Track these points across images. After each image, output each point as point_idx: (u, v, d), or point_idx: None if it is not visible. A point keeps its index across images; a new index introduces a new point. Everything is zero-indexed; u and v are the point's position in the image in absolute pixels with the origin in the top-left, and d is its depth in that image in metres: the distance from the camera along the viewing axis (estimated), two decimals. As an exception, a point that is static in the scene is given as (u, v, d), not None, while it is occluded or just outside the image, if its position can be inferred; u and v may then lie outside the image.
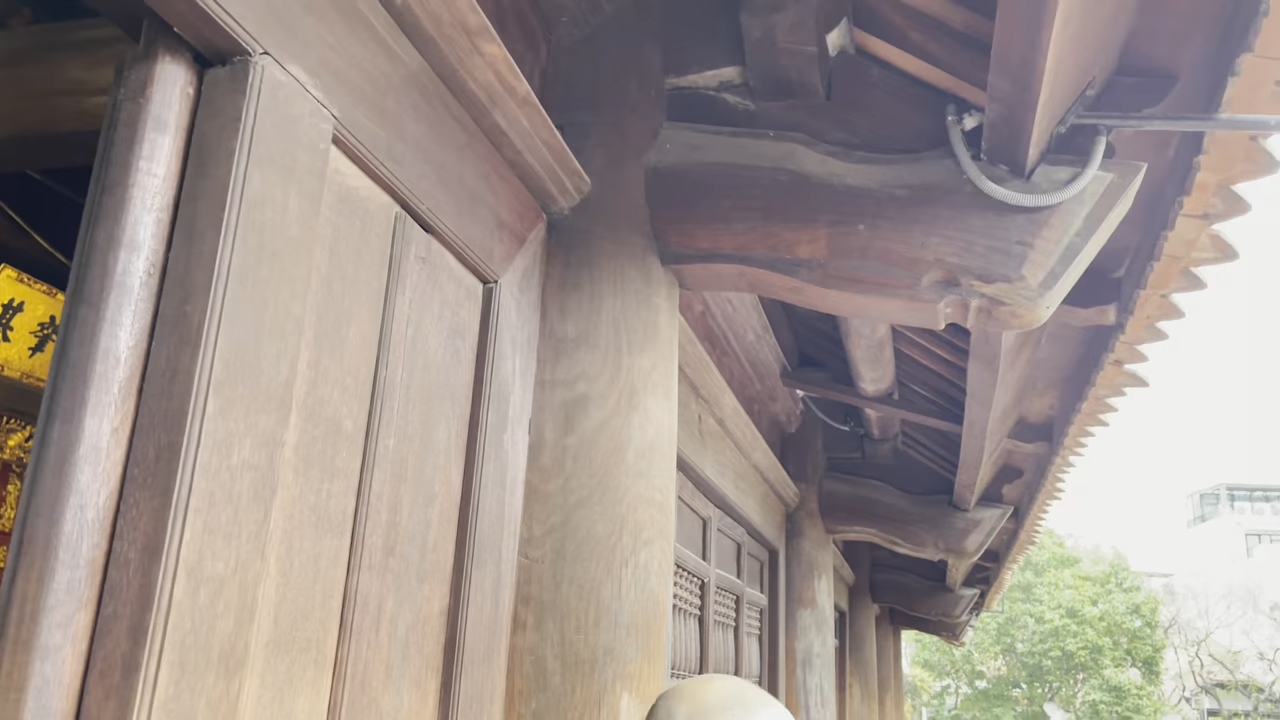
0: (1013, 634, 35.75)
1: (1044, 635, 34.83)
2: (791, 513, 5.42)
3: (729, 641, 4.28)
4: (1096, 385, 3.47)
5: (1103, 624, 35.18)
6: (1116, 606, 35.67)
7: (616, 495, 1.98)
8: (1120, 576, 37.36)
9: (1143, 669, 36.43)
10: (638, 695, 1.91)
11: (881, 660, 11.14)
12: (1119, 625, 35.49)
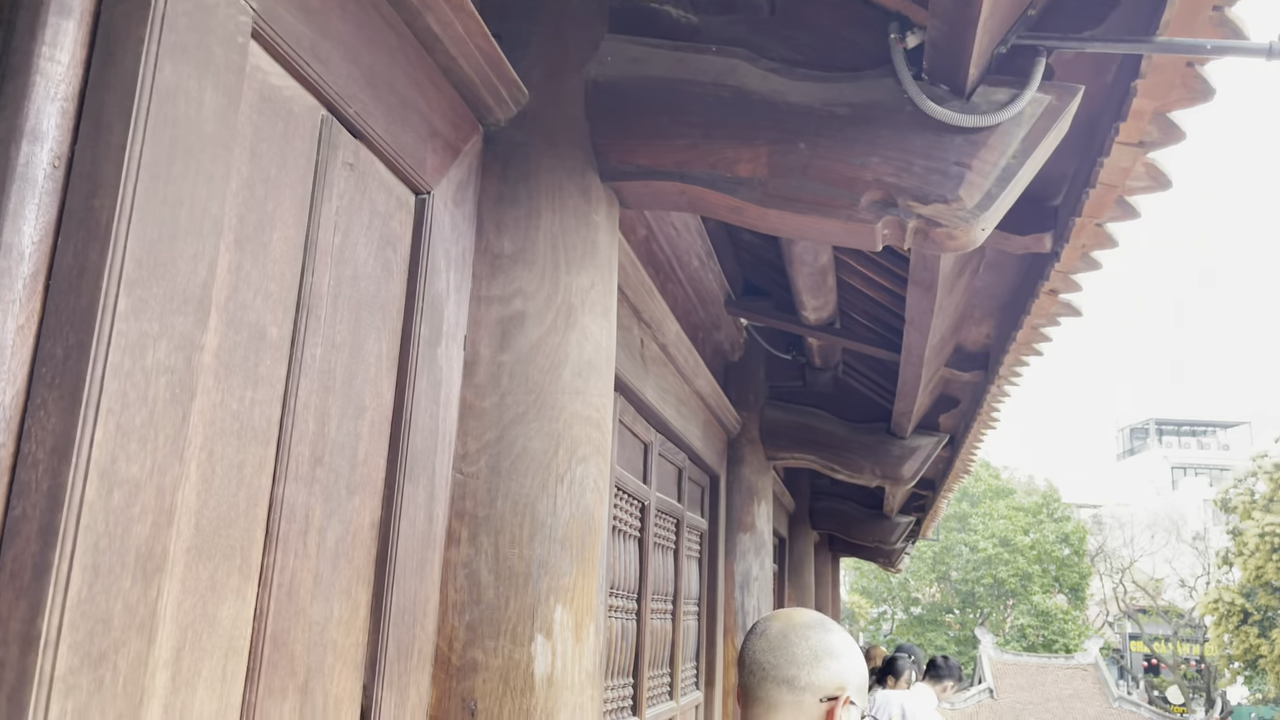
0: (948, 562, 36.95)
1: (977, 563, 36.05)
2: (733, 439, 5.49)
3: (669, 563, 4.35)
4: (1032, 314, 3.53)
5: (1033, 552, 36.48)
6: (1047, 536, 36.98)
7: (553, 413, 1.97)
8: (1052, 507, 38.65)
9: (1069, 595, 37.96)
10: (572, 608, 1.93)
11: (820, 586, 11.44)
12: (1049, 554, 36.84)
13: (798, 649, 1.50)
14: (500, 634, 1.84)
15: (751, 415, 5.51)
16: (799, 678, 1.48)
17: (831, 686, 1.48)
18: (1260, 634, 28.88)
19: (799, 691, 1.48)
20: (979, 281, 3.74)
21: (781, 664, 1.49)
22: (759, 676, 1.51)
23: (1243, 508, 30.09)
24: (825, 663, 1.49)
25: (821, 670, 1.49)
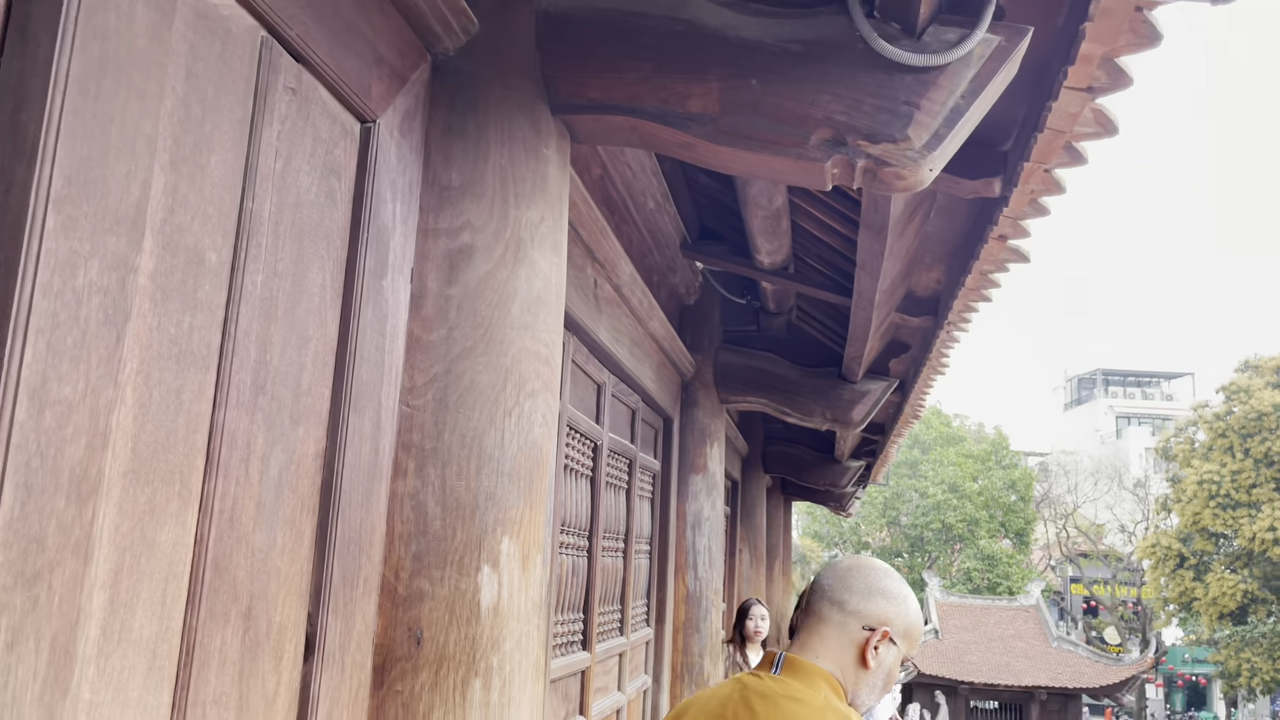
0: (898, 507, 37.72)
1: (926, 509, 36.84)
2: (687, 382, 5.52)
3: (620, 502, 4.40)
4: (981, 259, 3.58)
5: (981, 499, 37.35)
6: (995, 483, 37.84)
7: (501, 347, 1.97)
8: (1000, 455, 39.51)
9: (1014, 540, 39.00)
10: (519, 540, 1.95)
11: (772, 528, 11.64)
12: (996, 500, 37.74)
13: (856, 581, 1.78)
14: (447, 564, 1.85)
15: (705, 359, 5.54)
16: (849, 602, 1.75)
17: (874, 619, 1.74)
18: (1195, 578, 29.95)
19: (847, 615, 1.75)
20: (930, 227, 3.77)
21: (839, 589, 1.77)
22: (819, 595, 1.80)
23: (1182, 456, 30.98)
24: (875, 599, 1.75)
25: (870, 604, 1.75)
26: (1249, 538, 27.71)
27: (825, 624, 1.78)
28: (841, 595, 1.77)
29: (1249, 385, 29.32)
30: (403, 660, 1.81)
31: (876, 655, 1.75)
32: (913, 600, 1.83)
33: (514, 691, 1.90)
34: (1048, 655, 25.93)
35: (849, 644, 1.76)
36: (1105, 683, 24.79)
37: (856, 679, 1.77)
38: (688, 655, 5.23)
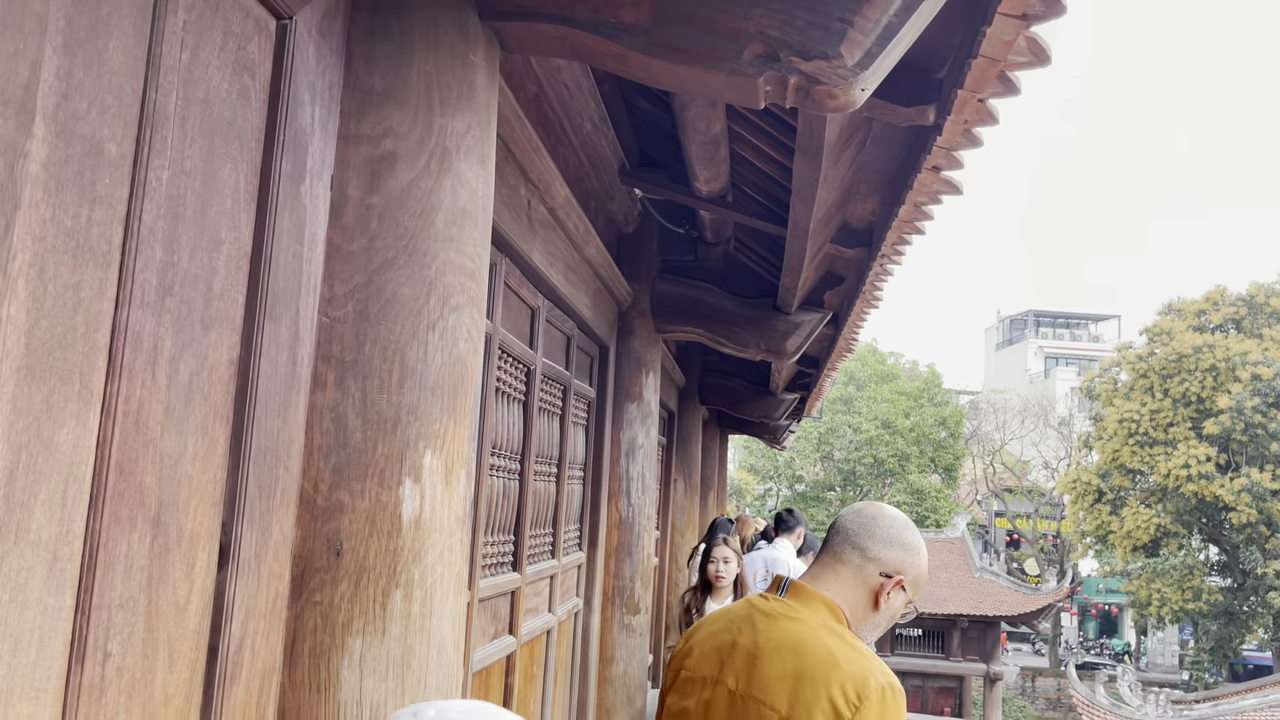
0: (832, 442, 38.47)
1: (859, 444, 37.65)
2: (624, 311, 5.51)
3: (554, 428, 4.40)
4: (914, 189, 3.59)
5: (912, 435, 38.26)
6: (926, 419, 38.77)
7: (425, 259, 1.94)
8: (932, 393, 40.41)
9: (943, 475, 40.12)
10: (442, 454, 1.94)
11: (707, 459, 11.80)
12: (927, 436, 38.69)
13: (880, 530, 1.92)
14: (367, 477, 1.84)
15: (643, 288, 5.53)
16: (871, 549, 1.90)
17: (891, 567, 1.89)
18: (1112, 511, 31.20)
19: (867, 560, 1.90)
20: (865, 156, 3.77)
21: (864, 535, 1.92)
22: (843, 537, 1.95)
23: (1105, 395, 32.01)
24: (895, 549, 1.90)
25: (890, 552, 1.90)
26: (1164, 474, 28.88)
27: (844, 565, 1.93)
28: (864, 541, 1.92)
29: (1171, 328, 30.28)
30: (322, 571, 1.80)
31: (888, 599, 1.93)
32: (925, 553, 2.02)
33: (436, 603, 1.90)
34: (970, 585, 26.91)
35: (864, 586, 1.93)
36: (1023, 611, 25.85)
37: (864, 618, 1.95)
38: (619, 579, 5.31)
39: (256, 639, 1.67)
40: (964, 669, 26.32)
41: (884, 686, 1.85)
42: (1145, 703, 19.73)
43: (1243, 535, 28.16)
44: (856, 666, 1.87)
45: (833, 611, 1.97)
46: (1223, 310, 30.39)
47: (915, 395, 39.51)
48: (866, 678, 1.85)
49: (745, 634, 1.99)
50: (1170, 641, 41.43)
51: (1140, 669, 38.72)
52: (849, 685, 1.82)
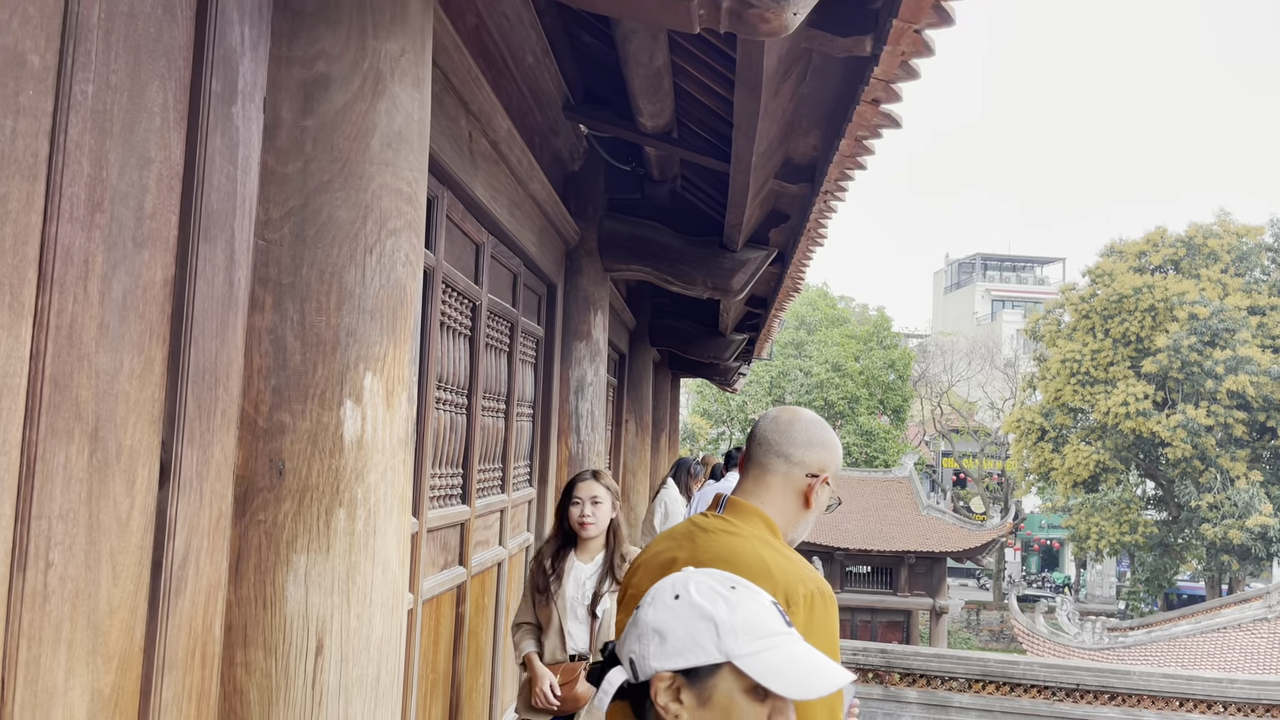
0: (783, 386, 38.92)
1: (810, 387, 38.14)
2: (571, 250, 5.52)
3: (502, 365, 4.43)
4: (854, 122, 3.63)
5: (862, 378, 38.84)
6: (876, 362, 39.34)
7: (360, 182, 1.94)
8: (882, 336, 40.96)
9: (892, 417, 40.84)
10: (382, 376, 1.97)
11: (658, 401, 11.90)
12: (876, 379, 39.30)
13: (798, 434, 1.99)
14: (308, 398, 1.86)
15: (590, 226, 5.54)
16: (794, 454, 1.97)
17: (815, 466, 1.98)
18: (1054, 449, 32.05)
19: (792, 465, 1.97)
20: (806, 89, 3.80)
21: (785, 443, 1.98)
22: (765, 448, 2.01)
23: (1049, 336, 32.68)
24: (816, 449, 1.98)
25: (812, 454, 1.98)
26: (1104, 412, 29.67)
27: (772, 474, 2.01)
28: (787, 448, 2.00)
29: (1112, 269, 30.89)
30: (265, 491, 1.83)
31: (816, 497, 2.02)
32: (839, 445, 2.10)
33: (379, 521, 1.94)
34: (918, 523, 27.58)
35: (793, 490, 2.01)
36: (968, 546, 26.59)
37: (797, 519, 2.04)
38: (569, 514, 5.39)
39: (200, 555, 1.70)
40: (911, 604, 27.09)
41: (813, 592, 1.93)
42: (1082, 631, 20.49)
43: (1178, 470, 29.12)
44: (787, 574, 1.95)
45: (766, 524, 2.06)
46: (1162, 251, 31.05)
47: (865, 339, 40.02)
48: (796, 584, 1.93)
49: (685, 549, 2.07)
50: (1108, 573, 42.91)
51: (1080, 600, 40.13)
52: (779, 592, 1.91)
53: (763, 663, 1.24)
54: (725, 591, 1.28)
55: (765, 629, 1.26)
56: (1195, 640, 19.17)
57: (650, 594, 1.31)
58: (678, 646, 1.24)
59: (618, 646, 1.31)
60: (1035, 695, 7.28)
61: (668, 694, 1.24)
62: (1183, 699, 7.11)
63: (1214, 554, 28.58)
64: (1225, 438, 28.38)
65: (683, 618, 1.25)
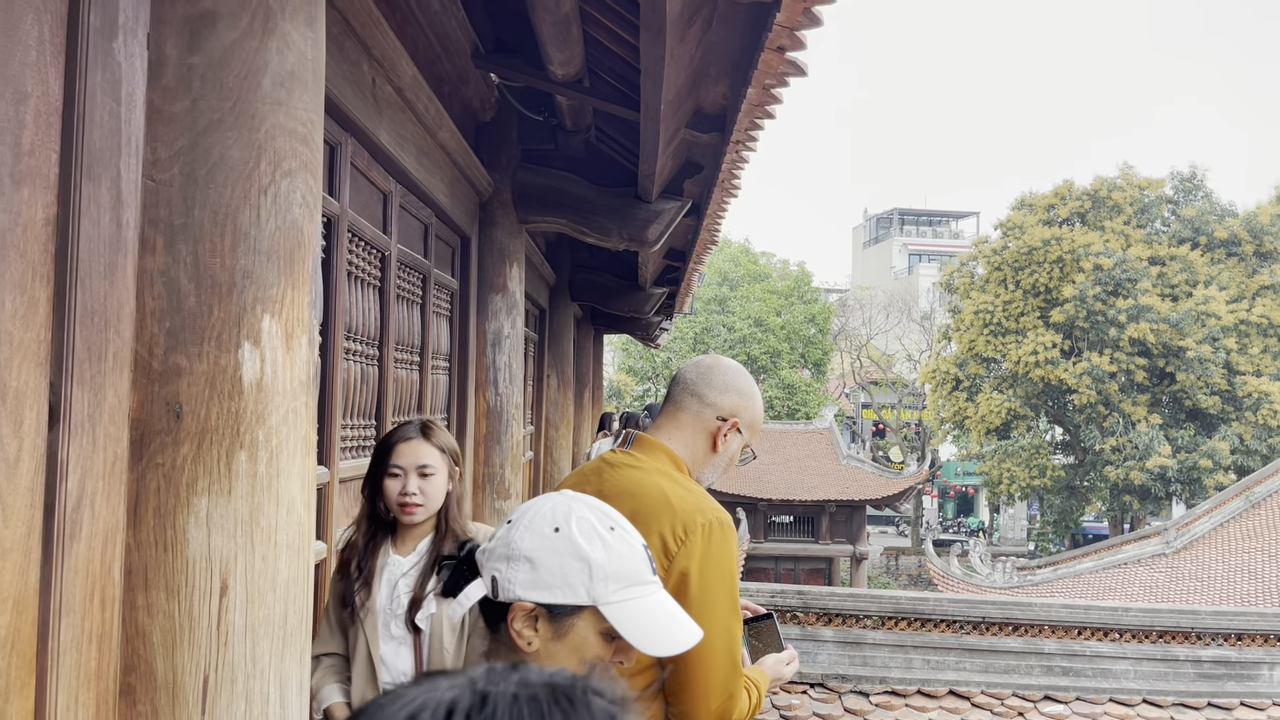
0: (707, 342, 39.28)
1: (733, 342, 38.56)
2: (485, 201, 5.48)
3: (415, 317, 4.40)
4: (760, 69, 3.67)
5: (784, 332, 39.39)
6: (797, 317, 39.91)
7: (252, 122, 1.91)
8: (802, 291, 41.52)
9: (813, 370, 41.56)
10: (281, 319, 1.95)
11: (581, 356, 11.93)
12: (797, 333, 39.90)
13: (715, 378, 2.07)
14: (205, 341, 1.84)
15: (504, 178, 5.50)
16: (707, 395, 2.06)
17: (727, 411, 2.05)
18: (968, 398, 33.03)
19: (705, 406, 2.06)
20: (713, 36, 3.82)
21: (700, 384, 2.07)
22: (682, 387, 2.10)
23: (963, 288, 33.53)
24: (730, 394, 2.06)
25: (725, 398, 2.06)
26: (1015, 361, 30.65)
27: (684, 412, 2.08)
28: (702, 389, 2.07)
29: (1023, 222, 31.75)
30: (162, 434, 1.82)
31: (725, 441, 2.08)
32: (759, 398, 2.16)
33: (283, 464, 1.94)
34: (838, 472, 28.25)
35: (703, 431, 2.07)
36: (886, 494, 27.35)
37: (704, 460, 2.10)
38: (489, 466, 5.41)
39: (96, 499, 1.69)
40: (832, 551, 27.82)
41: (710, 522, 2.00)
42: (994, 572, 21.33)
43: (1083, 415, 30.31)
44: (686, 504, 2.01)
45: (672, 459, 2.12)
46: (1069, 204, 32.00)
47: (786, 294, 40.53)
48: (695, 514, 2.00)
49: (592, 484, 2.12)
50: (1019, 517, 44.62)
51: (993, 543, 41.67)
52: (677, 522, 1.97)
53: (626, 612, 1.28)
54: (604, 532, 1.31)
55: (635, 577, 1.31)
56: (1098, 576, 20.12)
57: (526, 515, 1.34)
58: (547, 580, 1.27)
59: (481, 555, 1.34)
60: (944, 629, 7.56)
61: (524, 621, 1.28)
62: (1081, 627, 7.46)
63: (1117, 495, 29.91)
64: (1127, 383, 29.60)
65: (558, 553, 1.28)
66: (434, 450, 2.53)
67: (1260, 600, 16.59)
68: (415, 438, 2.54)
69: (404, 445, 2.53)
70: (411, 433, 2.55)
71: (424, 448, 2.52)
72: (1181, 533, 20.30)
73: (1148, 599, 18.19)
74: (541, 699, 0.55)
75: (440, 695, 0.56)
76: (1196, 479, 27.76)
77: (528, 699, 0.55)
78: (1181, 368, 28.64)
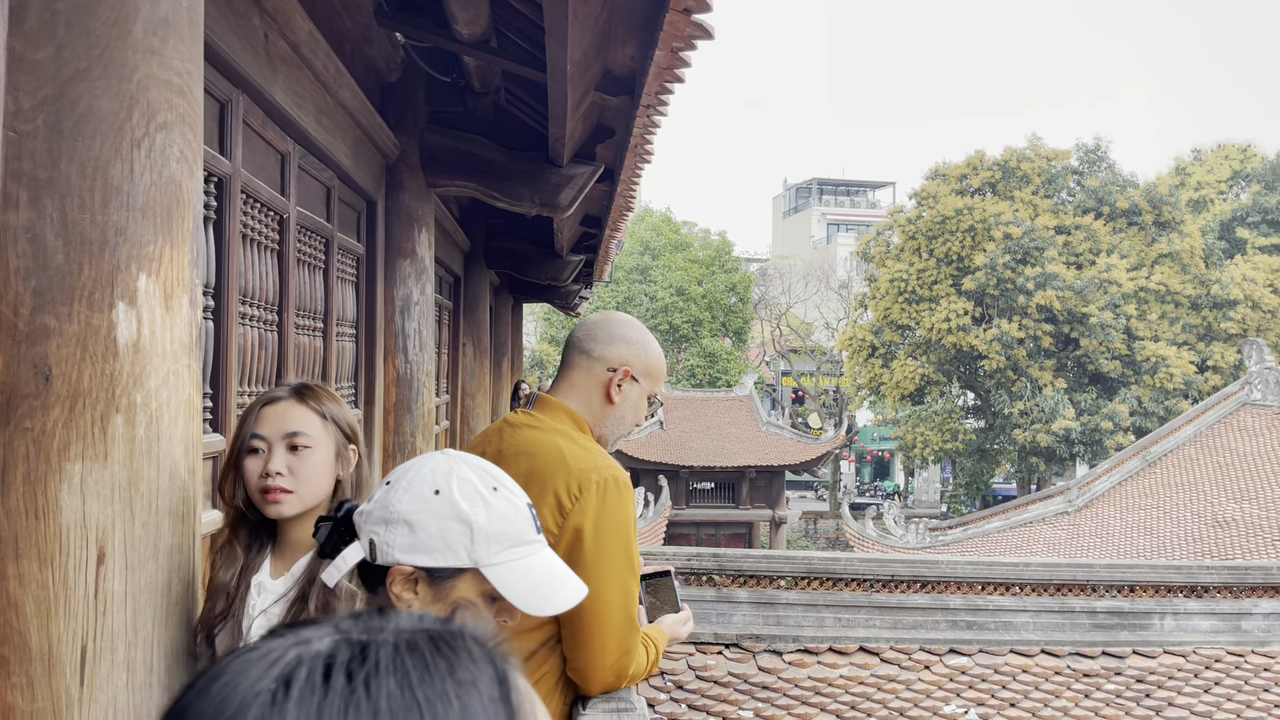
0: (630, 311, 39.31)
1: (656, 311, 38.68)
2: (392, 165, 5.37)
3: (318, 282, 4.30)
4: (666, 31, 3.65)
5: (705, 301, 39.64)
6: (718, 286, 40.18)
7: (123, 72, 1.83)
8: (723, 260, 41.79)
9: (734, 338, 41.97)
10: (158, 278, 1.89)
11: (499, 325, 11.83)
12: (718, 302, 40.19)
13: (601, 331, 2.09)
14: (75, 300, 1.77)
15: (411, 140, 5.39)
16: (595, 350, 2.08)
17: (616, 361, 2.07)
18: (884, 365, 33.77)
19: (593, 360, 2.08)
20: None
21: (587, 340, 2.09)
22: (571, 346, 2.12)
23: (879, 257, 34.14)
24: (617, 345, 2.08)
25: (613, 349, 2.08)
26: (928, 328, 31.40)
27: (575, 370, 2.10)
28: (589, 345, 2.09)
29: (936, 191, 32.41)
30: (30, 398, 1.74)
31: (620, 392, 2.09)
32: (652, 344, 2.15)
33: (164, 428, 1.88)
34: (758, 439, 28.66)
35: (596, 385, 2.09)
36: (805, 459, 27.88)
37: (604, 414, 2.11)
38: (399, 435, 5.34)
39: (-43, 465, 1.61)
40: (752, 516, 28.29)
41: (606, 479, 2.00)
42: (907, 533, 21.94)
43: (993, 380, 31.24)
44: (582, 463, 2.02)
45: (573, 419, 2.13)
46: (981, 174, 32.75)
47: (707, 263, 40.74)
48: (590, 472, 2.00)
49: (493, 445, 2.12)
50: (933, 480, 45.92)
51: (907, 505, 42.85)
52: (572, 480, 1.98)
53: (507, 574, 1.27)
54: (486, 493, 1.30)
55: (518, 537, 1.30)
56: (1005, 535, 20.86)
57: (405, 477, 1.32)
58: (427, 544, 1.25)
59: (359, 518, 1.32)
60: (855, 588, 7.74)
61: (404, 585, 1.26)
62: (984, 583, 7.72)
63: (1024, 457, 30.97)
64: (1035, 349, 30.58)
65: (438, 515, 1.26)
66: (311, 416, 1.91)
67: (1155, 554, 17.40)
68: (286, 398, 1.94)
69: (269, 409, 1.94)
70: (281, 393, 1.95)
71: (297, 411, 1.91)
72: (1083, 492, 21.14)
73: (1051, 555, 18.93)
74: (423, 647, 0.53)
75: (313, 649, 0.52)
76: (1098, 440, 28.90)
77: (409, 647, 0.53)
78: (1085, 334, 29.68)
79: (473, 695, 0.52)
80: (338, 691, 0.49)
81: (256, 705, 0.49)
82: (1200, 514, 17.87)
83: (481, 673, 0.53)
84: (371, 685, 0.50)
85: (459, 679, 0.52)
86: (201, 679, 0.53)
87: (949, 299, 31.14)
